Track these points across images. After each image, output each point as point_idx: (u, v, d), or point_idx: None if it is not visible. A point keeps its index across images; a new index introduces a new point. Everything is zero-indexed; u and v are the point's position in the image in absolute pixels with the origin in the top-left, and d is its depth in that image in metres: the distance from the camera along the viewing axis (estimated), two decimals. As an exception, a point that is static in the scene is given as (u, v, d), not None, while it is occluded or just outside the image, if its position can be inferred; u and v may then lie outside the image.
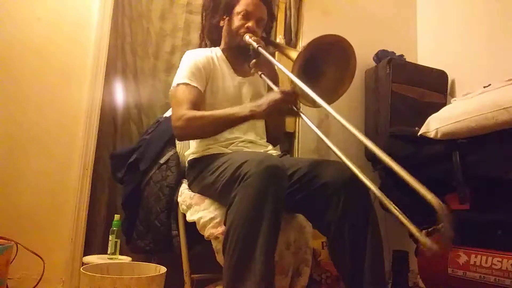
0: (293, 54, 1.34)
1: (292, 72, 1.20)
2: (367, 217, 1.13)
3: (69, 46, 1.90)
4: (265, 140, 1.54)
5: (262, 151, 1.44)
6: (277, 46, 1.73)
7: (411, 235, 1.91)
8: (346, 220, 1.12)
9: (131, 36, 2.08)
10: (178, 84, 1.39)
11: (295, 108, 1.22)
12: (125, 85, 2.03)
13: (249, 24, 1.45)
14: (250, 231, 0.99)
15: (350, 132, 1.03)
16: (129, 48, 2.07)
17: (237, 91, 1.48)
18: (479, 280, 1.44)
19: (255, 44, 1.36)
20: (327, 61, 1.30)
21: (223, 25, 1.54)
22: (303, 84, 1.13)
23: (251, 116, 1.23)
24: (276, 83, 1.43)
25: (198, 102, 1.36)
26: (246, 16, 1.46)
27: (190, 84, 1.37)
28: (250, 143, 1.45)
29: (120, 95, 2.01)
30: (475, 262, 1.46)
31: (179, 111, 1.32)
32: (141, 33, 2.10)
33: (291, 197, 1.21)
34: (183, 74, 1.40)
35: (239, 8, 1.47)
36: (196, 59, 1.44)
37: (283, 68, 1.24)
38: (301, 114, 1.20)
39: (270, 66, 1.43)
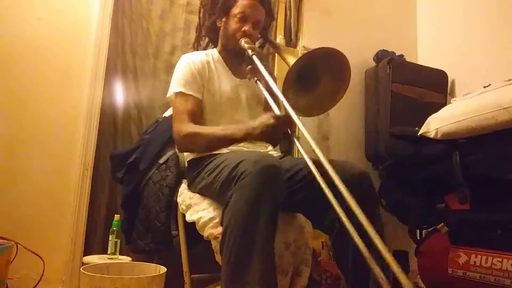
0: (290, 59, 1.34)
1: (284, 82, 1.20)
2: (373, 217, 1.12)
3: (69, 46, 1.90)
4: (267, 144, 1.54)
5: (262, 151, 1.44)
6: (275, 47, 1.72)
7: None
8: (351, 220, 1.11)
9: (131, 36, 2.08)
10: (175, 94, 1.41)
11: (289, 132, 1.24)
12: (125, 85, 2.03)
13: (245, 28, 1.44)
14: (247, 231, 0.99)
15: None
16: (129, 48, 2.07)
17: (234, 92, 1.48)
18: (479, 280, 1.44)
19: (249, 52, 1.36)
20: (323, 71, 1.30)
21: (221, 25, 1.54)
22: (285, 100, 1.14)
23: (245, 139, 1.27)
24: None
25: (196, 111, 1.38)
26: (243, 18, 1.45)
27: (186, 94, 1.39)
28: (250, 143, 1.44)
29: (120, 95, 2.01)
30: (475, 262, 1.46)
31: (179, 126, 1.35)
32: (141, 33, 2.10)
33: (291, 197, 1.20)
34: (179, 82, 1.42)
35: (236, 10, 1.46)
36: (191, 66, 1.44)
37: (272, 82, 1.23)
38: (295, 140, 1.22)
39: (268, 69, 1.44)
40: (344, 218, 0.90)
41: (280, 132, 1.22)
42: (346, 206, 1.11)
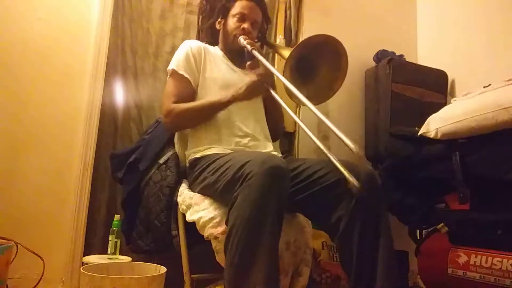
0: (286, 53, 1.36)
1: (283, 71, 1.22)
2: (380, 217, 1.12)
3: (69, 46, 1.90)
4: (266, 134, 1.54)
5: (264, 151, 1.44)
6: (272, 47, 1.74)
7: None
8: (357, 219, 1.11)
9: (131, 36, 2.08)
10: (169, 72, 1.49)
11: (270, 89, 1.35)
12: (125, 85, 2.03)
13: (244, 25, 1.49)
14: (253, 231, 0.99)
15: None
16: (129, 48, 2.07)
17: (235, 80, 1.49)
18: (479, 280, 1.44)
19: (249, 47, 1.40)
20: (319, 60, 1.32)
21: (220, 28, 1.57)
22: (292, 86, 1.16)
23: (233, 100, 1.35)
24: (272, 83, 1.44)
25: (185, 93, 1.45)
26: (241, 18, 1.51)
27: (178, 72, 1.46)
28: (252, 142, 1.45)
29: (120, 95, 2.01)
30: (475, 262, 1.46)
31: (166, 105, 1.43)
32: (141, 33, 2.10)
33: (293, 196, 1.20)
34: (175, 62, 1.50)
35: (234, 10, 1.52)
36: (187, 48, 1.51)
37: (275, 71, 1.28)
38: (274, 93, 1.33)
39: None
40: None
41: (263, 87, 1.34)
42: (354, 205, 1.12)
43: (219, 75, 1.49)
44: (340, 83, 1.34)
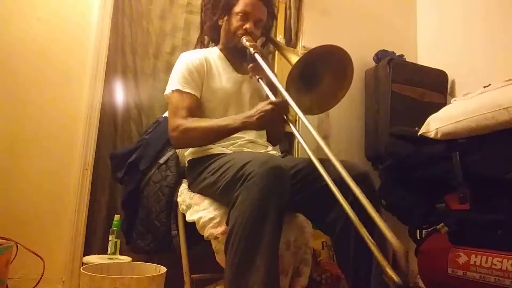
0: (292, 57, 1.34)
1: (287, 80, 1.20)
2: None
3: (69, 46, 1.90)
4: (265, 139, 1.54)
5: (262, 151, 1.44)
6: (277, 45, 1.73)
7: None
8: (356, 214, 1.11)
9: (131, 36, 2.08)
10: (172, 91, 1.40)
11: (286, 118, 1.21)
12: (125, 85, 2.03)
13: (247, 25, 1.45)
14: (254, 231, 0.99)
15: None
16: (129, 48, 2.07)
17: (236, 88, 1.48)
18: (479, 280, 1.43)
19: (251, 50, 1.37)
20: (324, 69, 1.31)
21: (222, 24, 1.54)
22: (288, 96, 1.15)
23: (243, 127, 1.26)
24: (275, 86, 1.43)
25: (193, 108, 1.38)
26: (245, 16, 1.46)
27: (183, 91, 1.39)
28: (250, 143, 1.44)
29: (120, 95, 2.01)
30: (475, 262, 1.46)
31: (174, 121, 1.35)
32: (141, 33, 2.10)
33: (292, 197, 1.20)
34: (176, 79, 1.42)
35: (237, 8, 1.47)
36: (188, 63, 1.44)
37: (275, 79, 1.25)
38: (291, 125, 1.21)
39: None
40: (350, 212, 0.90)
41: (278, 117, 1.21)
42: (351, 202, 1.12)
43: (221, 85, 1.46)
44: (345, 92, 1.31)
